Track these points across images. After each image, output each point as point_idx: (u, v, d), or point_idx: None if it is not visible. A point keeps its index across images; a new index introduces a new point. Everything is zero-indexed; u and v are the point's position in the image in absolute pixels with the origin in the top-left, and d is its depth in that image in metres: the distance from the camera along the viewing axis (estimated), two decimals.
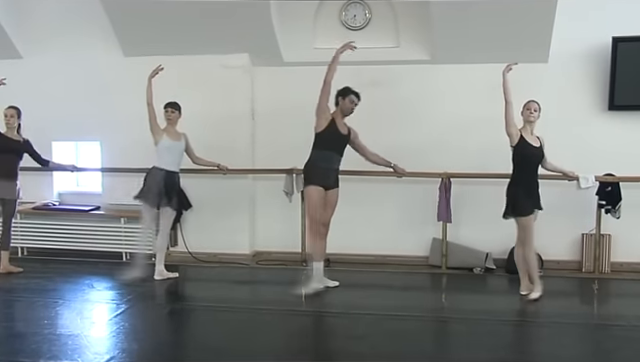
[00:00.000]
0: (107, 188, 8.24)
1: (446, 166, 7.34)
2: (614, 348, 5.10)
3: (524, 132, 6.24)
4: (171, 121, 6.95)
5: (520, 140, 6.19)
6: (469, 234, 7.56)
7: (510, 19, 6.98)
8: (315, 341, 5.48)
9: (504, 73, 6.25)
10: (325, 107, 6.42)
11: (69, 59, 8.10)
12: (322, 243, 6.54)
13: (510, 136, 6.22)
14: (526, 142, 6.20)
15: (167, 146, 6.87)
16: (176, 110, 6.96)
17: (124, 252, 7.90)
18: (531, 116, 6.21)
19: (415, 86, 7.69)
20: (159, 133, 6.88)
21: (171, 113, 6.94)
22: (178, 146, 6.97)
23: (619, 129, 7.34)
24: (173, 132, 6.97)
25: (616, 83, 7.16)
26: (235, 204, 7.92)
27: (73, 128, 8.14)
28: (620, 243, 7.32)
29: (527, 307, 6.14)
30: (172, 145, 6.91)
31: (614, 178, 7.09)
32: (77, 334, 5.24)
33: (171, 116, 6.94)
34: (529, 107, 6.23)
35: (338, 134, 6.49)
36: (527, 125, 6.25)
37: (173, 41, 7.67)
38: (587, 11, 7.22)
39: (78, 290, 6.61)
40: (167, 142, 6.88)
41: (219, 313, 5.93)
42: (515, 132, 6.20)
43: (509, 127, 6.20)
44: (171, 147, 6.90)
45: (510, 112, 6.19)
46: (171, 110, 6.94)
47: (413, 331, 5.46)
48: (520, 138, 6.19)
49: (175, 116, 6.96)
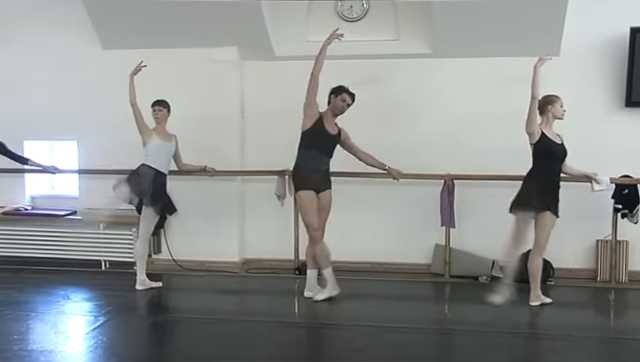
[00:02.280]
0: (84, 191, 8.17)
1: (449, 167, 7.30)
2: None
3: (545, 129, 6.22)
4: (159, 120, 6.91)
5: (542, 137, 6.17)
6: (474, 240, 7.53)
7: (518, 9, 6.95)
8: (310, 355, 5.44)
9: (537, 67, 6.17)
10: (312, 103, 6.40)
11: (42, 52, 8.06)
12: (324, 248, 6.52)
13: (531, 135, 6.19)
14: (548, 138, 6.18)
15: (157, 146, 6.83)
16: (164, 108, 6.92)
17: (103, 260, 7.85)
18: (564, 113, 6.20)
19: (416, 81, 7.66)
20: (148, 133, 6.84)
21: (159, 112, 6.90)
22: (169, 147, 6.93)
23: (637, 127, 7.32)
24: (163, 132, 6.93)
25: (634, 78, 7.13)
26: (223, 208, 7.89)
27: (47, 126, 8.08)
28: (638, 250, 7.30)
29: (538, 319, 6.12)
30: (162, 145, 6.87)
31: (632, 180, 7.05)
32: (51, 350, 5.18)
33: (159, 115, 6.89)
34: (562, 103, 6.21)
35: (325, 134, 6.46)
36: (548, 122, 6.22)
37: (156, 33, 7.62)
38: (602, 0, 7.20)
39: (52, 302, 6.54)
40: (157, 142, 6.84)
41: (206, 325, 5.88)
42: (537, 130, 6.17)
43: (532, 125, 6.15)
44: (161, 147, 6.86)
45: (535, 108, 6.16)
46: (159, 108, 6.90)
47: (414, 344, 5.42)
48: (542, 135, 6.17)
49: (163, 115, 6.92)
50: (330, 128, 6.50)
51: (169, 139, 6.96)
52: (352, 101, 6.50)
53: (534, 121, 6.17)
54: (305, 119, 6.43)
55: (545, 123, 6.23)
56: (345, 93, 6.46)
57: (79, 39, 7.93)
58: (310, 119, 6.41)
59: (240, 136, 8.01)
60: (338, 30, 6.42)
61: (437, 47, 7.51)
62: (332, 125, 6.54)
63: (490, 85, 7.16)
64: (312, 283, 6.54)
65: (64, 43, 8.00)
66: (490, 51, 7.14)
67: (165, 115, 6.94)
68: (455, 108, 7.57)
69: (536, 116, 6.17)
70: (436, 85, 7.65)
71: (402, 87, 7.65)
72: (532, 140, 6.20)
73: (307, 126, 6.43)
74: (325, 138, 6.47)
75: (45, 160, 7.96)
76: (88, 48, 7.95)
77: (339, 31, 6.42)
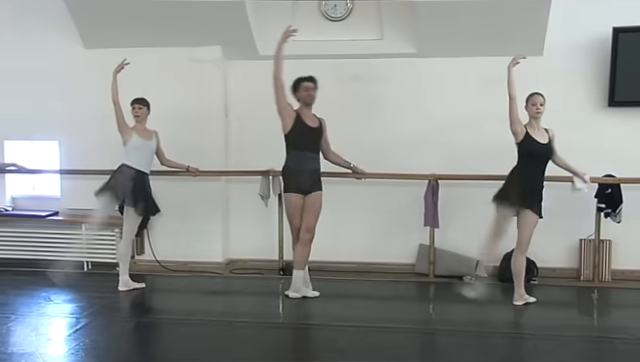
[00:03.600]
0: (66, 192, 8.11)
1: (433, 167, 7.30)
2: None
3: (530, 128, 6.22)
4: (139, 118, 6.87)
5: (525, 137, 6.18)
6: (458, 240, 7.53)
7: (502, 8, 6.96)
8: (294, 355, 5.40)
9: (510, 67, 6.19)
10: (284, 104, 6.42)
11: (23, 51, 7.98)
12: (304, 250, 6.50)
13: (515, 134, 6.21)
14: (532, 139, 6.18)
15: (137, 146, 6.78)
16: (144, 106, 6.88)
17: (85, 261, 7.79)
18: (538, 113, 6.21)
19: (400, 81, 7.65)
20: (128, 132, 6.79)
21: (138, 110, 6.85)
22: (149, 145, 6.89)
23: (620, 127, 7.35)
24: (143, 130, 6.89)
25: (617, 77, 7.15)
26: (207, 208, 7.84)
27: (28, 126, 8.01)
28: (621, 249, 7.34)
29: (522, 318, 6.13)
30: (142, 144, 6.82)
31: (614, 179, 7.08)
32: (31, 352, 5.12)
33: (139, 113, 6.85)
34: (534, 102, 6.21)
35: (307, 129, 6.46)
36: (533, 120, 6.23)
37: (139, 32, 7.57)
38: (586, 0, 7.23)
39: (33, 304, 6.47)
40: (137, 141, 6.79)
41: (190, 327, 5.83)
42: (520, 130, 6.18)
43: (514, 125, 6.18)
44: (141, 146, 6.81)
45: (515, 109, 6.16)
46: (138, 106, 6.86)
47: (398, 344, 5.41)
48: (525, 135, 6.18)
49: (143, 113, 6.88)
50: (310, 122, 6.51)
51: (149, 137, 6.91)
52: (314, 83, 6.51)
53: (516, 121, 6.18)
54: (284, 121, 6.44)
55: (530, 121, 6.25)
56: (303, 81, 6.50)
57: (60, 38, 7.87)
58: (289, 119, 6.42)
59: (224, 136, 7.97)
60: (291, 27, 6.42)
61: (421, 47, 7.50)
62: (311, 118, 6.54)
63: (474, 85, 7.17)
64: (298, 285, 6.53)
65: (46, 42, 7.93)
66: (474, 51, 7.15)
67: (145, 113, 6.90)
68: (439, 108, 7.57)
69: (517, 116, 6.17)
70: (420, 85, 7.64)
71: (386, 87, 7.65)
72: (516, 140, 6.22)
73: (288, 127, 6.43)
74: (308, 133, 6.47)
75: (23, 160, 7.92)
76: (69, 47, 7.88)
77: (291, 28, 6.41)
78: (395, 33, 7.61)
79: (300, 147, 6.44)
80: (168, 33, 7.58)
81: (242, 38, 7.56)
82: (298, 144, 6.43)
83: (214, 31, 7.57)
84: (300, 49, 7.56)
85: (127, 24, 7.53)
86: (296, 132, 6.42)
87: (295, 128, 6.42)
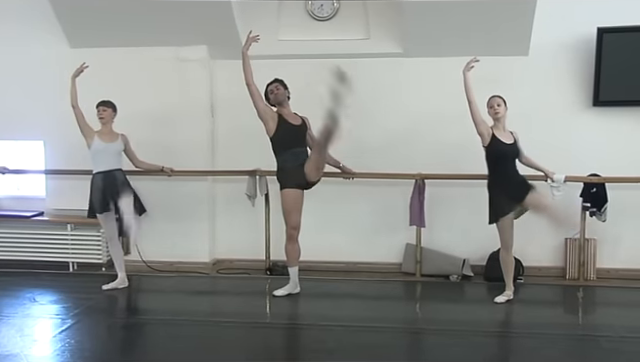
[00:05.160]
0: (52, 192, 8.04)
1: (420, 166, 7.31)
2: (602, 361, 5.11)
3: (495, 130, 6.27)
4: (104, 120, 6.82)
5: (492, 139, 6.21)
6: (445, 239, 7.55)
7: (487, 8, 6.96)
8: (281, 355, 5.39)
9: (464, 71, 6.26)
10: (263, 107, 6.44)
11: (8, 50, 7.91)
12: (297, 246, 6.54)
13: (481, 136, 6.25)
14: (498, 140, 6.22)
15: (98, 149, 6.74)
16: (108, 108, 6.83)
17: (71, 262, 7.73)
18: (497, 114, 6.24)
19: (386, 81, 7.65)
20: (90, 135, 6.76)
21: (103, 112, 6.81)
22: (110, 148, 6.81)
23: (605, 127, 7.37)
24: (107, 133, 6.84)
25: (601, 77, 7.17)
26: (193, 208, 7.81)
27: (13, 126, 7.93)
28: (606, 248, 7.37)
29: (508, 317, 6.15)
30: (104, 148, 6.76)
31: (599, 179, 7.10)
32: (16, 354, 5.08)
33: (103, 115, 6.81)
34: (491, 104, 6.27)
35: (291, 127, 6.48)
36: (496, 122, 6.27)
37: (125, 31, 7.53)
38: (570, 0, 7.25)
39: (18, 304, 6.41)
40: (98, 145, 6.75)
41: (176, 327, 5.79)
42: (486, 131, 6.23)
43: (479, 126, 6.23)
44: (103, 150, 6.75)
45: (476, 112, 6.21)
46: (102, 108, 6.81)
47: (386, 344, 5.40)
48: (492, 136, 6.22)
49: (108, 114, 6.83)
50: (292, 120, 6.52)
51: (113, 139, 6.85)
52: (278, 83, 6.55)
53: (480, 122, 6.22)
54: (267, 125, 6.45)
55: (494, 124, 6.29)
56: (269, 86, 6.54)
57: (46, 37, 7.79)
58: (272, 122, 6.43)
59: (210, 136, 7.93)
60: (252, 33, 6.44)
61: (407, 46, 7.50)
62: (292, 116, 6.56)
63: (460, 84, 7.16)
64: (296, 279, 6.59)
65: (31, 41, 7.86)
66: (460, 50, 7.12)
67: (110, 115, 6.85)
68: (425, 107, 7.57)
69: (479, 118, 6.21)
70: (407, 84, 7.64)
71: (373, 86, 7.62)
72: (483, 142, 6.26)
73: (273, 129, 6.43)
74: (293, 132, 6.47)
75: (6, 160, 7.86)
76: (55, 47, 7.81)
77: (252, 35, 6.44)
78: (381, 33, 7.60)
79: (289, 146, 6.43)
80: (154, 33, 7.53)
81: (228, 38, 7.52)
82: (286, 144, 6.42)
83: (200, 31, 7.53)
84: (286, 49, 7.58)
85: (112, 24, 7.47)
86: (282, 132, 6.42)
87: (280, 128, 6.42)
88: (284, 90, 6.55)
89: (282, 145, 6.44)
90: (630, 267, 7.39)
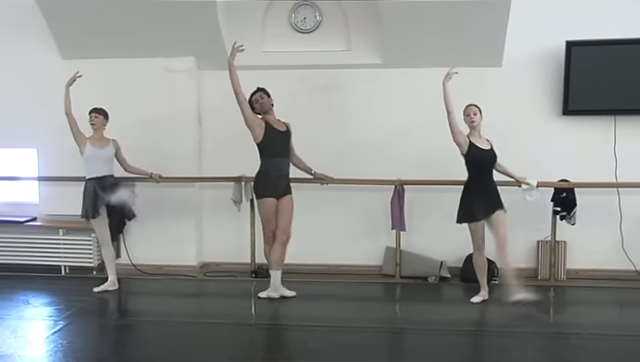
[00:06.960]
0: (44, 198, 8.05)
1: (399, 172, 7.39)
2: (571, 357, 5.21)
3: (472, 137, 6.33)
4: (95, 127, 6.88)
5: (470, 146, 6.28)
6: (423, 242, 7.62)
7: (463, 22, 7.09)
8: (266, 355, 5.43)
9: (444, 83, 6.31)
10: (251, 115, 6.50)
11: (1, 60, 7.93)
12: (282, 250, 6.57)
13: (459, 145, 6.31)
14: (476, 147, 6.30)
15: (91, 155, 6.80)
16: (100, 115, 6.89)
17: (63, 265, 7.74)
18: (473, 123, 6.32)
19: (366, 90, 7.73)
20: (83, 142, 6.81)
21: (94, 118, 6.86)
22: (102, 154, 6.87)
23: (574, 134, 7.49)
24: (99, 139, 6.89)
25: (570, 88, 7.29)
26: (181, 213, 7.82)
27: (6, 134, 7.94)
28: (575, 250, 7.47)
29: (483, 317, 6.23)
30: (96, 153, 6.82)
31: (569, 184, 7.21)
32: (10, 354, 5.09)
33: (95, 121, 6.86)
34: (468, 113, 6.33)
35: (278, 134, 6.55)
36: (472, 130, 6.35)
37: (114, 43, 7.56)
38: (541, 14, 7.37)
39: (12, 307, 6.42)
40: (90, 151, 6.81)
41: (165, 328, 5.83)
42: (463, 141, 6.29)
43: (456, 136, 6.28)
44: (95, 155, 6.81)
45: (454, 122, 6.26)
46: (94, 115, 6.87)
47: (367, 344, 5.45)
48: (470, 145, 6.28)
49: (99, 121, 6.88)
50: (278, 126, 6.60)
51: (104, 145, 6.91)
52: (262, 92, 6.60)
53: (457, 133, 6.27)
54: (254, 131, 6.50)
55: (470, 132, 6.36)
56: (252, 96, 6.59)
57: (38, 49, 7.81)
58: (259, 129, 6.49)
59: (197, 144, 7.97)
60: (236, 44, 6.47)
61: (386, 57, 7.58)
62: (277, 123, 6.62)
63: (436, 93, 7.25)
64: (277, 284, 6.60)
65: (23, 52, 7.87)
66: (436, 62, 7.21)
67: (102, 121, 6.90)
68: (404, 116, 7.64)
69: (457, 128, 6.26)
70: (386, 94, 7.71)
71: (353, 96, 7.72)
72: (462, 151, 6.32)
73: (260, 135, 6.49)
74: (279, 139, 6.55)
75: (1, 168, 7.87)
76: (47, 58, 7.82)
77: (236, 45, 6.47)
78: (362, 44, 7.67)
79: (274, 153, 6.51)
80: (143, 44, 7.57)
81: (215, 49, 7.56)
82: (272, 151, 6.50)
83: (187, 42, 7.57)
84: (270, 60, 7.63)
85: (103, 36, 7.49)
86: (269, 139, 6.48)
87: (267, 135, 6.48)
88: (268, 98, 6.61)
89: (269, 152, 6.51)
90: (598, 268, 7.52)
